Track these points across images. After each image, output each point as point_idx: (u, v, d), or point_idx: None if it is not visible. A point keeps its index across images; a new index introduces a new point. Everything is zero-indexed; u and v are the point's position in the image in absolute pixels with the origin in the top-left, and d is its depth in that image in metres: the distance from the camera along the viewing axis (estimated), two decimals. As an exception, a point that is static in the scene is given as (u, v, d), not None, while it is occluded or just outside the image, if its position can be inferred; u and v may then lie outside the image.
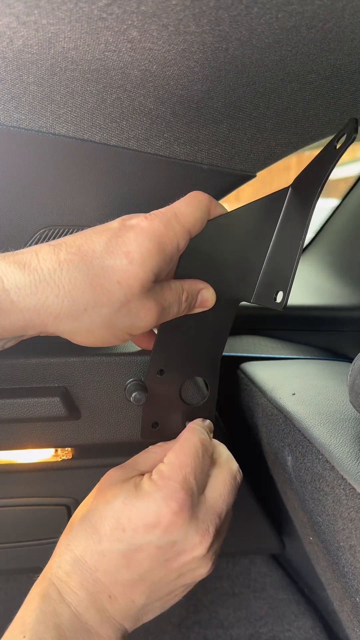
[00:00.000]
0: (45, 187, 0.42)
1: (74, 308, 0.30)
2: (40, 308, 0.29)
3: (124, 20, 0.29)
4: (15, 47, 0.32)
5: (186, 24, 0.29)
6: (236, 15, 0.29)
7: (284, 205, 0.34)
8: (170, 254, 0.33)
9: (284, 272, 0.33)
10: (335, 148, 0.29)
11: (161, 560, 0.33)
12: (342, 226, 0.90)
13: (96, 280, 0.30)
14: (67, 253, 0.30)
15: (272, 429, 0.46)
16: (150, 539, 0.32)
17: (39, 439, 0.48)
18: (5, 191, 0.41)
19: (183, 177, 0.43)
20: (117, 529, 0.33)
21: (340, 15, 0.29)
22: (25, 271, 0.29)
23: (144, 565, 0.33)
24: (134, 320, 0.33)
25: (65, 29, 0.30)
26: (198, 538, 0.33)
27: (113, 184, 0.42)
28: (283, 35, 0.31)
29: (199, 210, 0.35)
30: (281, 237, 0.34)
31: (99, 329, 0.32)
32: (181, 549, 0.33)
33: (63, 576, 0.33)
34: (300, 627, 0.69)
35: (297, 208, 0.33)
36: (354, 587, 0.34)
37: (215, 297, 0.38)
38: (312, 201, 0.31)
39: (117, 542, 0.33)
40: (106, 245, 0.31)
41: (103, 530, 0.33)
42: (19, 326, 0.30)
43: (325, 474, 0.36)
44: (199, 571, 0.34)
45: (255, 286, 0.37)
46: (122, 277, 0.31)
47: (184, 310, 0.36)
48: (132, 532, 0.33)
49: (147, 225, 0.32)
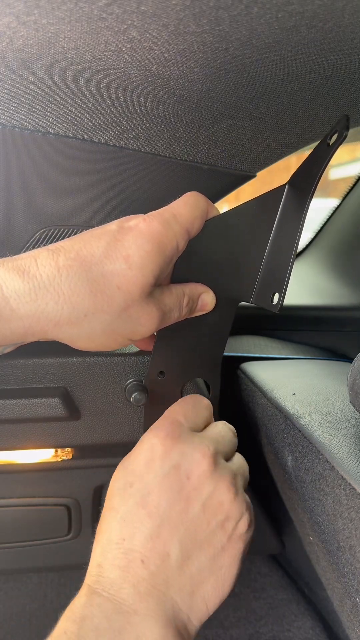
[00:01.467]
0: (45, 187, 0.42)
1: (74, 315, 0.30)
2: (40, 315, 0.29)
3: (124, 20, 0.29)
4: (15, 47, 0.32)
5: (186, 23, 0.29)
6: (236, 15, 0.29)
7: (280, 203, 0.34)
8: (170, 255, 0.33)
9: (280, 272, 0.33)
10: (328, 145, 0.29)
11: (174, 490, 0.32)
12: (343, 226, 0.90)
13: (96, 286, 0.30)
14: (66, 259, 0.30)
15: (272, 429, 0.46)
16: (155, 473, 0.32)
17: (39, 440, 0.48)
18: (5, 191, 0.41)
19: (183, 176, 0.43)
20: (126, 487, 0.33)
21: (341, 15, 0.29)
22: (24, 278, 0.29)
23: (162, 504, 0.32)
24: (135, 326, 0.32)
25: (65, 28, 0.30)
26: (198, 454, 0.33)
27: (113, 184, 0.42)
28: (283, 35, 0.31)
29: (197, 209, 0.35)
30: (278, 236, 0.34)
31: (99, 335, 0.32)
32: (187, 470, 0.32)
33: (94, 570, 0.31)
34: (300, 627, 0.69)
35: (293, 206, 0.33)
36: (354, 587, 0.34)
37: (215, 300, 0.38)
38: (307, 200, 0.31)
39: (130, 498, 0.32)
40: (105, 250, 0.31)
41: (116, 501, 0.33)
42: (19, 333, 0.30)
43: (326, 474, 0.36)
44: (225, 502, 0.33)
45: (255, 286, 0.37)
46: (122, 282, 0.30)
47: (185, 315, 0.36)
48: (138, 479, 0.33)
49: (146, 227, 0.32)
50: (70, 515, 0.59)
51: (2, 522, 0.58)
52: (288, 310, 0.76)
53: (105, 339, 0.32)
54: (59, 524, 0.59)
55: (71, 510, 0.58)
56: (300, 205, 0.31)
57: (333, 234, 0.93)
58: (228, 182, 0.45)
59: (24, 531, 0.59)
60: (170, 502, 0.32)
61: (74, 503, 0.58)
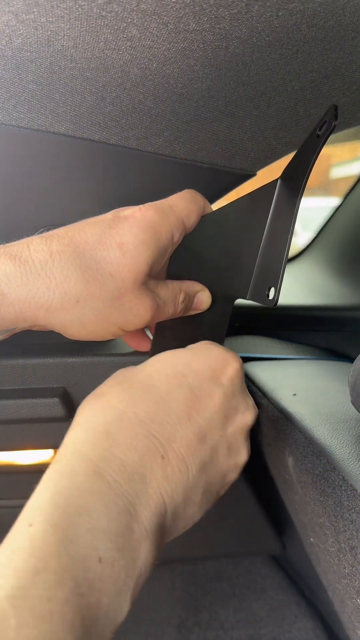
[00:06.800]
0: (45, 185, 0.41)
1: (66, 300, 0.30)
2: (31, 300, 0.29)
3: (123, 19, 0.29)
4: (14, 45, 0.32)
5: (186, 22, 0.29)
6: (236, 13, 0.28)
7: (274, 197, 0.33)
8: (165, 245, 0.33)
9: (275, 267, 0.33)
10: (318, 137, 0.29)
11: (208, 380, 0.31)
12: (343, 225, 0.90)
13: (88, 273, 0.30)
14: (60, 244, 0.30)
15: (273, 429, 0.46)
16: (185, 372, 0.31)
17: (38, 440, 0.47)
18: (4, 190, 0.41)
19: (183, 175, 0.43)
20: (176, 375, 0.31)
21: (341, 14, 0.29)
22: (16, 263, 0.29)
23: (208, 409, 0.30)
24: (128, 316, 0.32)
25: (65, 27, 0.30)
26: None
27: (112, 183, 0.42)
28: (284, 34, 0.30)
29: (194, 204, 0.35)
30: (272, 231, 0.34)
31: (92, 322, 0.31)
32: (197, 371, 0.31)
33: (100, 439, 0.27)
34: (301, 629, 0.69)
35: (285, 200, 0.32)
36: (355, 589, 0.34)
37: (211, 299, 0.38)
38: (298, 193, 0.31)
39: (178, 387, 0.30)
40: (99, 237, 0.31)
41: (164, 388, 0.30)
42: (10, 319, 0.29)
43: (327, 475, 0.36)
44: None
45: (250, 282, 0.37)
46: (115, 270, 0.30)
47: (180, 311, 0.36)
48: (193, 376, 0.31)
49: (142, 215, 0.32)
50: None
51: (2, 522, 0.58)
52: (289, 310, 0.76)
53: (98, 326, 0.32)
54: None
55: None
56: (293, 198, 0.31)
57: (334, 233, 0.92)
58: (228, 181, 0.44)
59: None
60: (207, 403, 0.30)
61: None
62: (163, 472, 0.27)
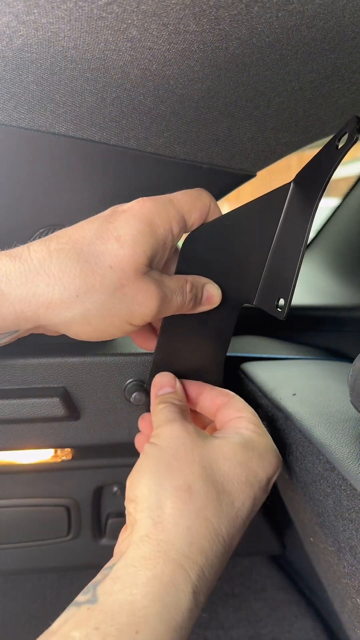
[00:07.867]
0: (45, 186, 0.42)
1: (66, 295, 0.30)
2: (31, 298, 0.29)
3: (123, 20, 0.29)
4: (14, 46, 0.32)
5: (186, 23, 0.29)
6: (236, 14, 0.28)
7: (285, 202, 0.33)
8: (164, 237, 0.33)
9: (286, 277, 0.32)
10: (337, 148, 0.29)
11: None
12: (343, 226, 0.90)
13: (87, 266, 0.30)
14: (58, 243, 0.31)
15: (273, 429, 0.46)
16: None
17: (39, 440, 0.47)
18: (4, 190, 0.41)
19: (183, 176, 0.43)
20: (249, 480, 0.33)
21: (341, 14, 0.29)
22: (15, 262, 0.29)
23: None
24: (132, 306, 0.32)
25: (65, 28, 0.30)
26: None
27: (112, 183, 0.42)
28: (283, 34, 0.31)
29: (197, 200, 0.34)
30: (283, 237, 0.33)
31: (95, 317, 0.31)
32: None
33: (199, 563, 0.30)
34: (301, 629, 0.69)
35: (299, 208, 0.32)
36: (355, 588, 0.34)
37: (221, 294, 0.37)
38: (314, 203, 0.30)
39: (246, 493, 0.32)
40: (97, 232, 0.31)
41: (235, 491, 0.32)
42: (11, 319, 0.30)
43: (326, 474, 0.36)
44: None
45: (257, 287, 0.36)
46: (114, 261, 0.30)
47: (190, 302, 0.35)
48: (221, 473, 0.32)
49: (139, 207, 0.32)
50: (70, 515, 0.59)
51: (2, 522, 0.58)
52: (289, 310, 0.76)
53: (102, 321, 0.31)
54: (59, 524, 0.59)
55: (71, 510, 0.58)
56: (308, 206, 0.31)
57: (334, 233, 0.92)
58: (228, 181, 0.44)
59: (24, 532, 0.58)
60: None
61: (74, 504, 0.58)
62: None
